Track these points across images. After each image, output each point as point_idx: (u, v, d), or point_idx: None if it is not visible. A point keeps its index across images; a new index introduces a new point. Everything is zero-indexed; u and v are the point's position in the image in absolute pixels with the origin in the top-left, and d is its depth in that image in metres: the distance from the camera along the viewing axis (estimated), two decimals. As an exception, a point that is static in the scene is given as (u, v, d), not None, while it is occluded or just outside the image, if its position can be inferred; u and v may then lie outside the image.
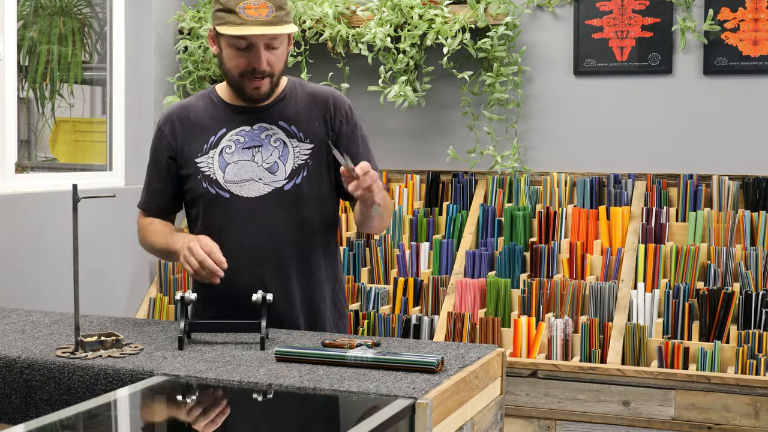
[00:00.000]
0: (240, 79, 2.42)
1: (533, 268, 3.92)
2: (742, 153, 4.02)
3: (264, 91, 2.43)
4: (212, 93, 2.55)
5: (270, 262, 2.44)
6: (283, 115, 2.48)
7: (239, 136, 2.47)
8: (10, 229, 3.45)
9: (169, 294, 4.23)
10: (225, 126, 2.48)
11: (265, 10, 2.34)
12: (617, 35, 4.16)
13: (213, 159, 2.46)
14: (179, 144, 2.50)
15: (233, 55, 2.40)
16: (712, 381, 3.37)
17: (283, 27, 2.36)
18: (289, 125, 2.48)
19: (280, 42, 2.40)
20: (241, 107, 2.49)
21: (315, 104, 2.51)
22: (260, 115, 2.48)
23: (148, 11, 4.26)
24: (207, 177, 2.46)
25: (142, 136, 4.29)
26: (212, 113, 2.51)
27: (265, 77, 2.41)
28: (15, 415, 2.08)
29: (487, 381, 2.18)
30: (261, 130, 2.47)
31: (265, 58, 2.38)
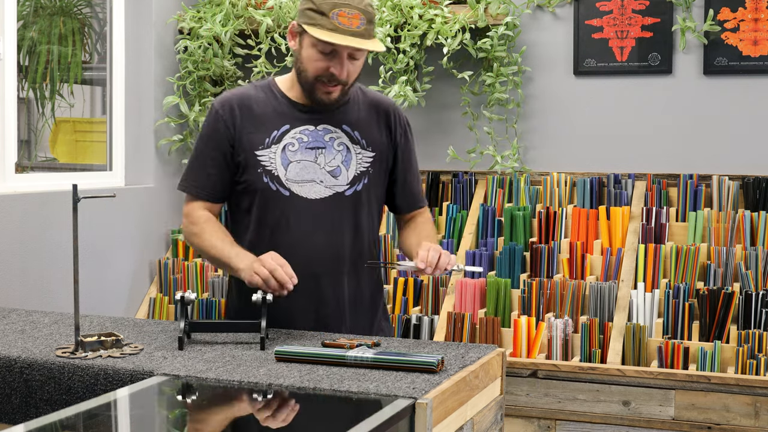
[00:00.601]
0: (314, 81, 2.39)
1: (533, 268, 3.92)
2: (742, 153, 4.02)
3: (335, 98, 2.41)
4: (273, 86, 2.51)
5: (324, 264, 2.44)
6: (347, 119, 2.48)
7: (303, 135, 2.45)
8: (10, 229, 3.45)
9: (169, 294, 4.23)
10: (288, 122, 2.45)
11: (357, 21, 2.32)
12: (617, 35, 4.16)
13: (275, 154, 2.44)
14: (238, 131, 2.45)
15: (314, 58, 2.37)
16: (712, 381, 3.37)
17: (372, 43, 2.35)
18: (352, 130, 2.48)
19: (362, 54, 2.39)
20: (306, 106, 2.47)
21: (377, 112, 2.53)
22: (324, 116, 2.47)
23: (148, 11, 4.26)
24: (268, 172, 2.43)
25: (142, 136, 4.29)
26: (275, 107, 2.47)
27: (338, 85, 2.39)
28: (15, 415, 2.08)
29: (487, 381, 2.18)
30: (325, 132, 2.46)
31: (347, 68, 2.37)
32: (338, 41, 2.29)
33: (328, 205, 2.43)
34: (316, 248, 2.43)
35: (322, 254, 2.44)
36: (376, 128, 2.51)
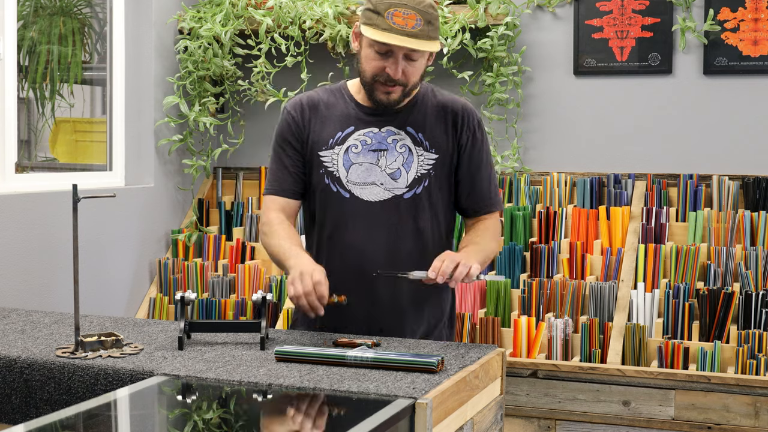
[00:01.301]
0: (372, 81, 2.40)
1: (533, 268, 3.92)
2: (742, 153, 4.02)
3: (394, 98, 2.40)
4: (344, 89, 2.53)
5: (379, 266, 2.41)
6: (411, 121, 2.47)
7: (367, 137, 2.46)
8: (10, 229, 3.45)
9: (169, 294, 4.23)
10: (353, 124, 2.47)
11: (413, 22, 2.31)
12: (617, 35, 4.16)
13: (338, 156, 2.45)
14: (306, 131, 2.48)
15: (371, 58, 2.38)
16: (712, 381, 3.37)
17: (426, 43, 2.32)
18: (416, 132, 2.46)
19: (421, 55, 2.37)
20: (372, 109, 2.47)
21: (445, 114, 2.49)
22: (390, 118, 2.46)
23: (148, 11, 4.26)
24: (330, 173, 2.45)
25: (142, 136, 4.29)
26: (342, 109, 2.49)
27: (397, 85, 2.38)
28: (15, 415, 2.08)
29: (487, 381, 2.18)
30: (388, 134, 2.46)
31: (402, 67, 2.35)
32: (389, 40, 2.29)
33: (387, 207, 2.43)
34: (371, 250, 2.42)
35: (378, 257, 2.42)
36: (442, 130, 2.47)
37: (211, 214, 4.53)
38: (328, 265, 2.40)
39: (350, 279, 2.41)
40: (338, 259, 2.43)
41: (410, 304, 2.48)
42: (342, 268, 2.41)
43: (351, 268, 2.41)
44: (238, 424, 1.82)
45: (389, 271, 2.35)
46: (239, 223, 4.44)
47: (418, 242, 2.46)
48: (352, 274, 2.41)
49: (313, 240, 2.53)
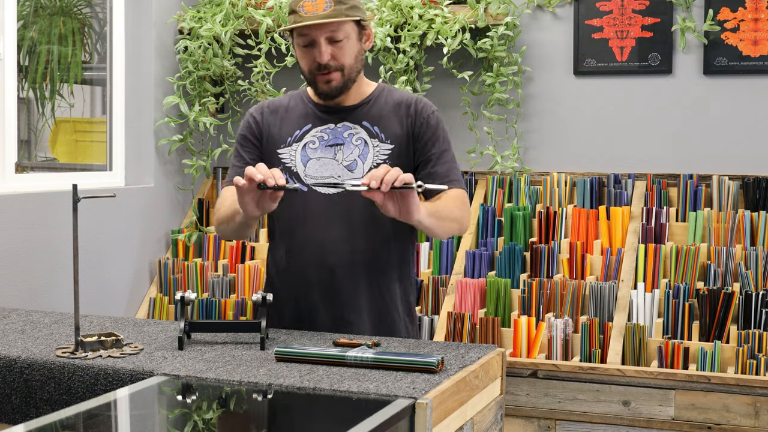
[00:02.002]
0: (311, 77, 2.48)
1: (533, 268, 3.92)
2: (742, 153, 4.02)
3: (335, 85, 2.47)
4: (303, 93, 2.62)
5: (340, 257, 2.47)
6: (367, 116, 2.53)
7: (323, 133, 2.53)
8: (10, 229, 3.45)
9: (169, 294, 4.23)
10: (311, 122, 2.54)
11: (322, 5, 2.40)
12: (617, 35, 4.16)
13: (296, 152, 2.52)
14: (265, 130, 2.56)
15: (301, 55, 2.48)
16: (712, 381, 3.37)
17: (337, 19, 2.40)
18: (372, 126, 2.52)
19: (344, 35, 2.44)
20: (328, 107, 2.54)
21: (399, 108, 2.55)
22: (346, 114, 2.54)
23: (148, 11, 4.26)
24: (288, 169, 2.51)
25: (142, 136, 4.29)
26: (301, 110, 2.58)
27: (332, 71, 2.45)
28: (15, 415, 2.08)
29: (487, 381, 2.18)
30: (344, 129, 2.53)
31: (328, 51, 2.43)
32: (301, 23, 2.39)
33: (345, 199, 2.46)
34: (332, 241, 2.47)
35: (337, 247, 2.47)
36: (397, 122, 2.52)
37: (211, 214, 4.53)
38: (290, 259, 2.50)
39: (312, 272, 2.47)
40: (299, 253, 2.49)
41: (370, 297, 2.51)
42: (304, 262, 2.48)
43: (312, 261, 2.47)
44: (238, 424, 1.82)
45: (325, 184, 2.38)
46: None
47: (378, 230, 2.50)
48: (314, 267, 2.47)
49: (275, 235, 2.59)
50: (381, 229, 2.50)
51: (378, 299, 2.52)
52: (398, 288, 2.56)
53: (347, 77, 2.48)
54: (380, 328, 2.52)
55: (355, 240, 2.48)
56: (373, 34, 2.58)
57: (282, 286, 2.54)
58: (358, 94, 2.55)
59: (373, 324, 2.52)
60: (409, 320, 2.61)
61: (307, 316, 2.50)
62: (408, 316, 2.60)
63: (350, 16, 2.43)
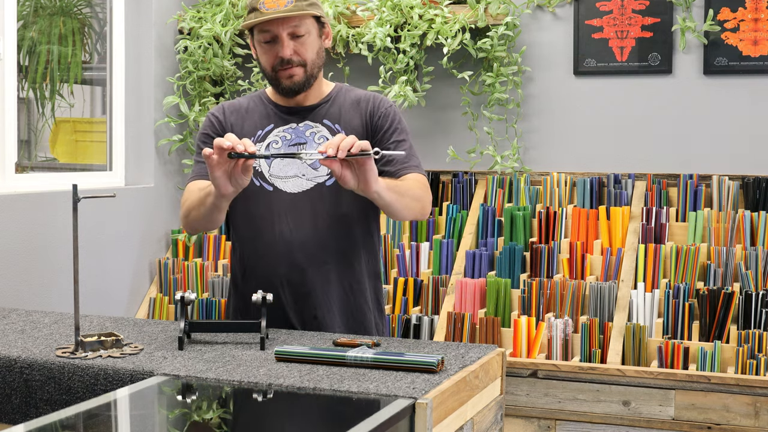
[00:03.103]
0: (273, 74, 2.48)
1: (533, 268, 3.92)
2: (742, 153, 4.02)
3: (297, 80, 2.48)
4: (262, 95, 2.62)
5: (309, 255, 2.47)
6: (328, 115, 2.54)
7: (286, 133, 2.53)
8: (10, 229, 3.45)
9: (169, 294, 4.24)
10: (273, 122, 2.55)
11: (283, 2, 2.41)
12: (617, 35, 4.16)
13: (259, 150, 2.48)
14: (228, 130, 2.54)
15: (263, 51, 2.48)
16: (712, 381, 3.37)
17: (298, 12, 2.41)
18: (333, 123, 2.53)
19: (306, 30, 2.45)
20: (289, 107, 2.55)
21: (358, 104, 2.56)
22: (306, 113, 2.54)
23: (148, 11, 4.26)
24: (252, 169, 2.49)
25: (142, 136, 4.29)
26: (261, 111, 2.57)
27: (294, 66, 2.46)
28: (15, 415, 2.08)
29: (487, 381, 2.18)
30: (306, 128, 2.53)
31: (291, 46, 2.44)
32: (263, 18, 2.39)
33: (310, 196, 2.47)
34: (299, 240, 2.47)
35: (306, 246, 2.47)
36: (357, 118, 2.53)
37: (211, 214, 4.52)
38: (257, 259, 2.49)
39: (282, 271, 2.46)
40: (267, 253, 2.48)
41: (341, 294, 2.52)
42: (272, 262, 2.47)
43: (281, 260, 2.46)
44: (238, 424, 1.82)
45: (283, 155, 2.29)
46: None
47: (345, 226, 2.50)
48: (283, 266, 2.46)
49: (239, 236, 2.57)
50: (347, 225, 2.51)
51: (349, 296, 2.53)
52: (368, 283, 2.57)
53: (309, 73, 2.48)
54: (351, 325, 2.53)
55: (323, 237, 2.48)
56: (331, 33, 2.59)
57: (247, 286, 2.52)
58: (317, 94, 2.55)
59: (345, 321, 2.53)
60: (379, 315, 2.62)
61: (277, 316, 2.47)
62: (378, 311, 2.62)
63: (309, 11, 2.44)
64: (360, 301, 2.56)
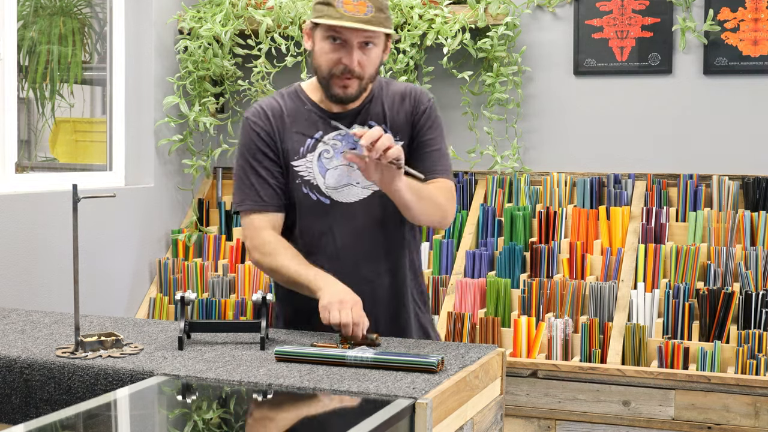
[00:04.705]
0: (329, 76, 2.36)
1: (533, 268, 3.92)
2: (742, 153, 4.02)
3: (351, 92, 2.37)
4: (300, 93, 2.49)
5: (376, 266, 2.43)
6: (373, 114, 2.45)
7: (336, 140, 2.43)
8: (10, 229, 3.45)
9: (169, 294, 4.23)
10: (321, 129, 2.43)
11: (364, 8, 2.29)
12: (617, 35, 4.16)
13: (312, 163, 2.42)
14: (275, 140, 2.44)
15: (326, 50, 2.34)
16: (712, 381, 3.37)
17: (379, 28, 2.31)
18: (379, 124, 2.43)
19: (376, 44, 2.35)
20: (334, 113, 2.44)
21: (402, 101, 2.47)
22: (353, 117, 2.44)
23: (148, 11, 4.26)
24: (307, 182, 2.42)
25: (142, 136, 4.29)
26: (305, 115, 2.46)
27: (354, 78, 2.35)
28: (15, 415, 2.08)
29: (487, 381, 2.18)
30: None
31: (357, 57, 2.33)
32: (344, 24, 2.27)
33: (368, 205, 2.41)
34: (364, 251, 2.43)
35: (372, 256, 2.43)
36: (402, 117, 2.45)
37: (211, 214, 4.53)
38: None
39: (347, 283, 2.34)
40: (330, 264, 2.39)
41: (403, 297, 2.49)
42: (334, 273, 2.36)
43: (344, 270, 2.38)
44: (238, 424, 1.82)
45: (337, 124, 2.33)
46: (239, 223, 4.44)
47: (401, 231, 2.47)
48: (348, 278, 2.35)
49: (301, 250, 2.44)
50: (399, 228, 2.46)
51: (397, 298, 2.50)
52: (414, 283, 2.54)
53: (363, 87, 2.39)
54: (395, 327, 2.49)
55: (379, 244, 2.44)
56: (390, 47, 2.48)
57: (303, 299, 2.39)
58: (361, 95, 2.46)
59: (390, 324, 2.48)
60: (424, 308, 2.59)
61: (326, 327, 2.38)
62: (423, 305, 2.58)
63: (387, 28, 2.34)
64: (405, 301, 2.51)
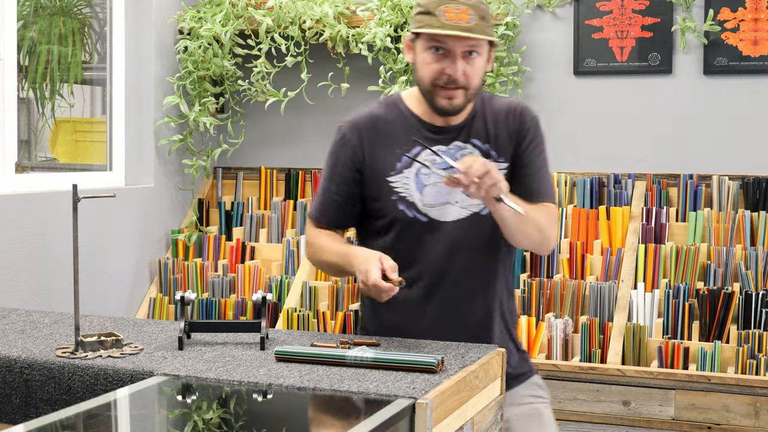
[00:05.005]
0: (432, 88, 2.26)
1: (533, 268, 3.92)
2: (742, 153, 4.02)
3: (457, 104, 2.27)
4: (401, 104, 2.39)
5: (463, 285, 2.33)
6: (475, 132, 2.34)
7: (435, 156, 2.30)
8: (10, 229, 3.45)
9: (169, 294, 4.24)
10: (420, 145, 2.32)
11: (466, 17, 2.20)
12: (617, 35, 4.16)
13: (409, 179, 2.32)
14: (368, 157, 2.34)
15: (429, 62, 2.25)
16: (712, 381, 3.37)
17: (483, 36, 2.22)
18: (483, 143, 2.33)
19: (479, 54, 2.25)
20: (436, 126, 2.34)
21: (506, 119, 2.36)
22: (455, 133, 2.33)
23: (148, 11, 4.26)
24: (403, 199, 2.32)
25: (142, 136, 4.29)
26: (404, 128, 2.35)
27: (459, 88, 2.25)
28: (15, 415, 2.08)
29: (487, 381, 2.18)
30: (456, 149, 2.33)
31: (462, 68, 2.23)
32: (447, 32, 2.18)
33: (466, 226, 2.30)
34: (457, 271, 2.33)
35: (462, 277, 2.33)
36: (506, 136, 2.34)
37: (211, 214, 4.53)
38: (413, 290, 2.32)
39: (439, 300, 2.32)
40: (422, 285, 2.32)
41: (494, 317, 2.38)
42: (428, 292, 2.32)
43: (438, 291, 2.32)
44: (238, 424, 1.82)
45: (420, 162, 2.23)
46: (239, 223, 4.44)
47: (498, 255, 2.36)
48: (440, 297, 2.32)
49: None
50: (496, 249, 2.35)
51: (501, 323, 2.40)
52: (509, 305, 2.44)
53: (468, 98, 2.28)
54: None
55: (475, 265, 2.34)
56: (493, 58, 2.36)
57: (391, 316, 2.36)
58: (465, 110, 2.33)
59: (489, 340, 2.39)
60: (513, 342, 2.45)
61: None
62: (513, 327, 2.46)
63: (490, 36, 2.25)
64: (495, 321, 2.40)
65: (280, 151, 4.61)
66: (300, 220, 4.36)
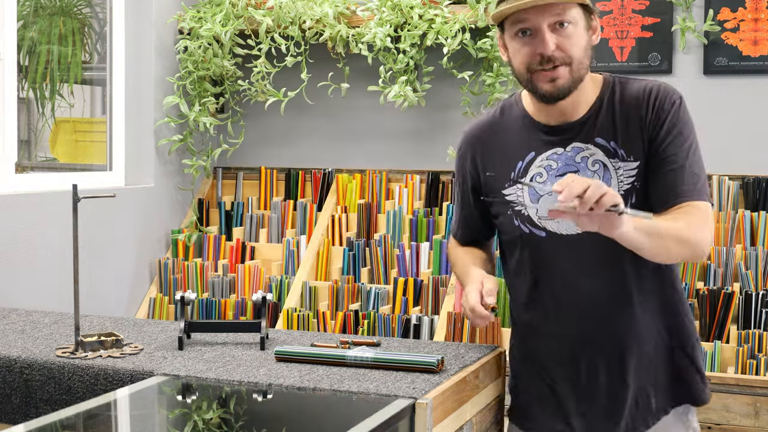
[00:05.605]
0: (530, 75, 2.01)
1: (533, 268, 3.91)
2: (742, 153, 4.02)
3: (562, 84, 2.00)
4: (519, 104, 2.17)
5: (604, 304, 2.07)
6: (598, 129, 2.05)
7: (551, 161, 2.08)
8: (10, 229, 3.45)
9: (169, 294, 4.24)
10: (533, 149, 2.09)
11: None
12: (617, 35, 4.16)
13: (523, 190, 2.10)
14: (480, 172, 2.18)
15: (518, 48, 2.01)
16: (712, 381, 3.37)
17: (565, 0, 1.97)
18: (607, 141, 2.04)
19: (571, 23, 1.99)
20: (551, 127, 2.09)
21: (637, 106, 2.05)
22: (573, 133, 2.07)
23: (148, 11, 4.26)
24: (518, 213, 2.10)
25: (142, 136, 4.29)
26: (520, 133, 2.13)
27: (558, 65, 1.98)
28: (15, 415, 2.08)
29: (487, 381, 2.18)
30: (575, 152, 2.06)
31: (553, 40, 1.97)
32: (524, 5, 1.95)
33: (591, 238, 1.92)
34: (588, 288, 2.07)
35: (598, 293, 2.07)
36: (637, 129, 2.04)
37: (211, 214, 4.53)
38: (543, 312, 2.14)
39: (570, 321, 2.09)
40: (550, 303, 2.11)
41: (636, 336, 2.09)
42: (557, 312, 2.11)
43: (566, 309, 2.10)
44: (238, 424, 1.82)
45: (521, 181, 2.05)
46: (239, 223, 4.44)
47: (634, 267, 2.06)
48: (570, 316, 2.09)
49: (516, 287, 2.19)
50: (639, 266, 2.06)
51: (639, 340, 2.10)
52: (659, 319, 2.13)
53: (576, 75, 2.01)
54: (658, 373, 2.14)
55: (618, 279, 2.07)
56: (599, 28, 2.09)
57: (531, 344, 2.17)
58: (585, 101, 2.07)
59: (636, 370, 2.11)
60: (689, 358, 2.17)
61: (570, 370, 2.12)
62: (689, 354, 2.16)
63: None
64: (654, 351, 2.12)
65: (280, 151, 4.61)
66: (300, 220, 4.36)
